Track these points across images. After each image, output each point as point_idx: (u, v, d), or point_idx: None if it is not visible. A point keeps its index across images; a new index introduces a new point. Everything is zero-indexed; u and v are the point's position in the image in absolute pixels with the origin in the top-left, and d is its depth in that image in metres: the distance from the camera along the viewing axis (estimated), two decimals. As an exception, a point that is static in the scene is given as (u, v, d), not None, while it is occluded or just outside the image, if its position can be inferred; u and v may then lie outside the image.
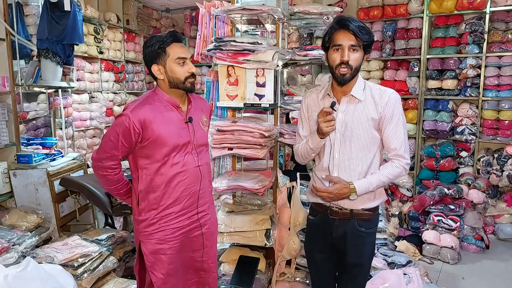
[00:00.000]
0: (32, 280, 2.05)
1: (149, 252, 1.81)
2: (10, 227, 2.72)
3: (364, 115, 1.73)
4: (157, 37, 1.74)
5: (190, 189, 1.82)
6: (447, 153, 4.48)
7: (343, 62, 1.65)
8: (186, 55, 1.76)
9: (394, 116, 1.73)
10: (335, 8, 2.60)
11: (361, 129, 1.73)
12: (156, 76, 1.78)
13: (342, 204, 1.78)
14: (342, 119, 1.75)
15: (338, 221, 1.81)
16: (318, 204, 1.88)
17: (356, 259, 1.83)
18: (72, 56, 3.97)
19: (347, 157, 1.75)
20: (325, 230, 1.86)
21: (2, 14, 3.08)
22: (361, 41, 1.64)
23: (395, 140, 1.73)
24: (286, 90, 2.76)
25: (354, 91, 1.74)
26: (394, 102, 1.74)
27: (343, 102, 1.76)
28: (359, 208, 1.78)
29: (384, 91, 1.76)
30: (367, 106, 1.74)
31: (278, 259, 2.55)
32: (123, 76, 5.80)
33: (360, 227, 1.78)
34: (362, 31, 1.63)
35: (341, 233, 1.81)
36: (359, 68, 1.72)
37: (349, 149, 1.75)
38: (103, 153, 1.76)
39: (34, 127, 4.15)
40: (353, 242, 1.79)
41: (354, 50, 1.66)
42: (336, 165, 1.77)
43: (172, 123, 1.77)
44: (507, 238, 4.06)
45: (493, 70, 4.30)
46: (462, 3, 4.35)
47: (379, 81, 4.97)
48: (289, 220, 2.52)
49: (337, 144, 1.76)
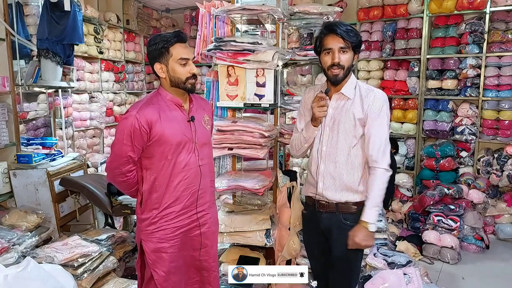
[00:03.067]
0: (32, 280, 2.05)
1: (150, 251, 1.81)
2: (10, 227, 2.72)
3: (351, 112, 1.83)
4: (161, 36, 1.75)
5: (191, 188, 1.82)
6: (447, 153, 4.48)
7: (334, 64, 1.77)
8: (189, 55, 1.77)
9: (380, 116, 1.81)
10: (335, 8, 2.60)
11: (347, 125, 1.83)
12: (158, 75, 1.79)
13: (328, 196, 1.87)
14: (331, 115, 1.86)
15: (325, 214, 1.91)
16: (309, 198, 1.99)
17: (341, 253, 1.88)
18: (72, 56, 3.97)
19: (333, 149, 1.86)
20: (315, 223, 1.96)
21: (2, 14, 3.08)
22: (349, 43, 1.76)
23: (376, 144, 1.81)
24: (286, 90, 2.76)
25: (344, 89, 1.84)
26: (380, 102, 1.81)
27: (334, 98, 1.87)
28: (344, 201, 1.86)
29: (371, 91, 1.85)
30: (354, 104, 1.83)
31: (278, 259, 2.55)
32: (123, 76, 5.79)
33: (345, 220, 1.86)
34: (349, 33, 1.75)
35: (327, 226, 1.90)
36: (351, 67, 1.83)
37: (336, 142, 1.85)
38: (120, 159, 1.76)
39: (34, 127, 4.15)
40: (339, 235, 1.86)
41: (344, 51, 1.77)
42: (323, 157, 1.88)
43: (176, 122, 1.78)
44: (507, 238, 4.06)
45: (493, 70, 4.30)
46: (462, 3, 4.35)
47: (379, 81, 4.98)
48: (289, 220, 2.52)
49: (325, 137, 1.87)
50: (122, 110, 5.78)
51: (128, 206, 3.04)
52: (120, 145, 1.73)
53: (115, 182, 1.87)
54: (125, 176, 1.80)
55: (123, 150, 1.73)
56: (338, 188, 1.86)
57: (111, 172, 1.82)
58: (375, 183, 1.81)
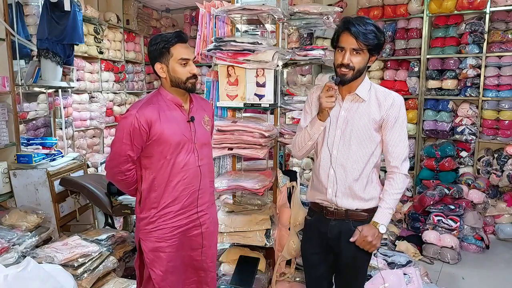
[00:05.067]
0: (32, 280, 2.05)
1: (148, 250, 1.82)
2: (10, 227, 2.72)
3: (366, 115, 1.74)
4: (162, 36, 1.75)
5: (190, 188, 1.83)
6: (447, 153, 4.47)
7: (343, 64, 1.67)
8: (190, 56, 1.77)
9: (398, 121, 1.73)
10: (335, 8, 2.60)
11: (361, 128, 1.74)
12: (159, 74, 1.79)
13: (338, 203, 1.79)
14: (344, 117, 1.76)
15: (334, 221, 1.82)
16: (316, 204, 1.89)
17: (350, 260, 1.83)
18: (72, 56, 3.97)
19: (344, 154, 1.76)
20: (321, 230, 1.87)
21: (2, 14, 3.08)
22: (364, 45, 1.63)
23: (396, 149, 1.74)
24: (286, 90, 2.76)
25: (359, 90, 1.75)
26: (398, 106, 1.74)
27: (347, 100, 1.77)
28: (354, 208, 1.78)
29: (389, 94, 1.76)
30: (370, 106, 1.74)
31: (278, 259, 2.55)
32: (123, 76, 5.79)
33: (355, 228, 1.78)
34: (366, 35, 1.61)
35: (336, 234, 1.82)
36: (363, 70, 1.72)
37: (348, 147, 1.76)
38: (119, 158, 1.76)
39: (34, 127, 4.15)
40: (348, 243, 1.79)
41: (357, 53, 1.65)
42: (334, 162, 1.77)
43: (175, 121, 1.78)
44: (507, 238, 4.06)
45: (493, 70, 4.30)
46: (462, 3, 4.35)
47: (379, 81, 4.97)
48: (289, 220, 2.52)
49: (336, 141, 1.77)
50: (122, 110, 5.78)
51: (128, 206, 3.04)
52: (120, 144, 1.74)
53: (114, 181, 1.88)
54: (124, 175, 1.81)
55: (123, 149, 1.74)
56: (348, 195, 1.77)
57: (111, 171, 1.83)
58: (393, 186, 1.74)
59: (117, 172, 1.80)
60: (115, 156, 1.78)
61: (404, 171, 1.75)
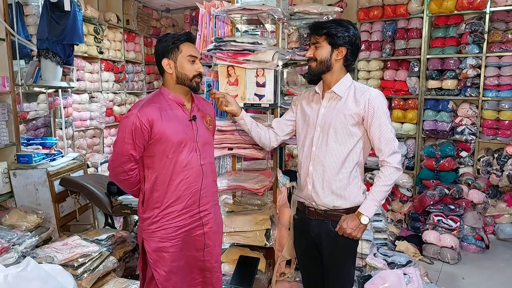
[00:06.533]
0: (32, 280, 2.05)
1: (151, 250, 1.81)
2: (10, 227, 2.72)
3: (343, 112, 1.78)
4: (172, 34, 1.82)
5: (192, 187, 1.82)
6: (447, 153, 4.48)
7: (310, 58, 1.83)
8: (197, 54, 1.83)
9: (376, 115, 1.74)
10: (335, 8, 2.60)
11: (338, 124, 1.78)
12: (165, 70, 1.80)
13: (316, 200, 1.81)
14: (323, 114, 1.83)
15: (314, 221, 1.85)
16: (300, 203, 1.93)
17: (330, 261, 1.84)
18: (72, 56, 3.97)
19: (323, 151, 1.80)
20: (305, 230, 1.91)
21: (2, 14, 3.08)
22: (318, 37, 1.79)
23: (381, 142, 1.76)
24: (286, 90, 2.76)
25: (336, 87, 1.82)
26: (375, 101, 1.75)
27: (326, 97, 1.85)
28: (332, 206, 1.80)
29: (366, 90, 1.80)
30: (347, 103, 1.79)
31: (278, 259, 2.55)
32: (123, 76, 5.80)
33: (334, 228, 1.79)
34: (316, 29, 1.79)
35: (317, 234, 1.85)
36: (328, 62, 1.79)
37: (326, 143, 1.80)
38: (121, 157, 1.77)
39: (34, 127, 4.15)
40: (327, 243, 1.81)
41: (317, 47, 1.80)
42: (313, 158, 1.83)
43: (177, 120, 1.79)
44: (507, 238, 4.07)
45: (493, 70, 4.30)
46: (462, 3, 4.35)
47: (379, 81, 4.98)
48: (289, 220, 2.52)
49: (316, 137, 1.83)
50: (122, 110, 5.78)
51: (128, 206, 3.04)
52: (122, 143, 1.74)
53: (117, 181, 1.88)
54: (127, 175, 1.81)
55: (125, 149, 1.74)
56: (327, 191, 1.79)
57: (113, 171, 1.83)
58: (381, 179, 1.75)
59: (120, 172, 1.80)
60: (118, 156, 1.78)
61: (393, 164, 1.74)
